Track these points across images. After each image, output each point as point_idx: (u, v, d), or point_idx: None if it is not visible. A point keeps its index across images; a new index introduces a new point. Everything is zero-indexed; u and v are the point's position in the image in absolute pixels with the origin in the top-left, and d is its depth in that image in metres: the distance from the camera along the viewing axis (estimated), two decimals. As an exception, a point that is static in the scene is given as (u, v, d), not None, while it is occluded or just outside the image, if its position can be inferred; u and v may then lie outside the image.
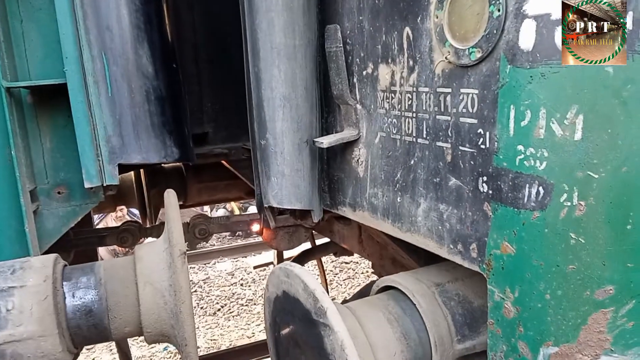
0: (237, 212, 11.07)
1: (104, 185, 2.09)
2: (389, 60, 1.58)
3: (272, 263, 8.60)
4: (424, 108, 1.46)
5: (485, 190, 1.29)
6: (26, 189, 2.06)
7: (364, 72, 1.71)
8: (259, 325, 7.18)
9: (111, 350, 6.55)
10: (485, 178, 1.28)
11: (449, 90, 1.36)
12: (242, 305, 7.94)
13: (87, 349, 6.66)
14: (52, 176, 2.26)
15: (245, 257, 9.87)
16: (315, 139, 1.80)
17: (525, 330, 1.25)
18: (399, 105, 1.57)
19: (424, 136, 1.48)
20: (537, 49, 1.12)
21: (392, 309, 1.70)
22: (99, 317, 1.73)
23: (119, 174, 2.11)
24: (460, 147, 1.35)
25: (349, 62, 1.77)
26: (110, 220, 8.53)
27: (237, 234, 11.41)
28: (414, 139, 1.52)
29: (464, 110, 1.32)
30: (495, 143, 1.23)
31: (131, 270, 1.78)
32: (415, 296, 1.67)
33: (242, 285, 8.67)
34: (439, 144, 1.42)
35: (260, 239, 10.23)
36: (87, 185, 2.07)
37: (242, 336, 6.87)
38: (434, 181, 1.46)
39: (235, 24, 2.18)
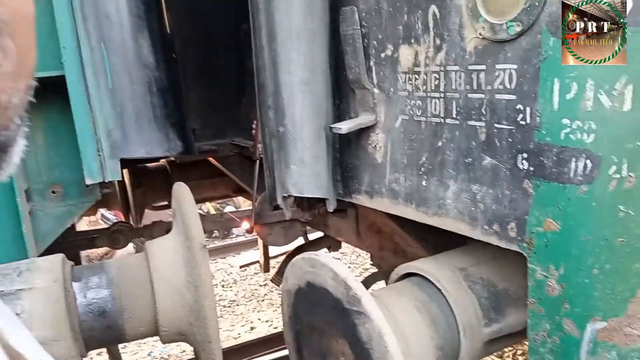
0: (212, 212, 10.89)
1: (106, 181, 1.99)
2: (412, 41, 1.55)
3: (257, 262, 8.50)
4: (454, 87, 1.43)
5: (525, 168, 1.27)
6: (22, 188, 1.96)
7: (382, 55, 1.67)
8: (244, 326, 7.08)
9: (99, 353, 6.34)
10: (525, 155, 1.26)
11: (483, 67, 1.33)
12: (225, 306, 7.80)
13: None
14: (47, 174, 2.15)
15: (224, 257, 9.73)
16: (332, 125, 1.75)
17: (572, 307, 1.23)
18: (424, 86, 1.53)
19: (454, 116, 1.45)
20: (584, 19, 1.10)
21: (418, 295, 1.67)
22: (113, 317, 1.65)
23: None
24: (496, 125, 1.32)
25: (365, 45, 1.73)
26: (84, 225, 8.28)
27: (213, 235, 11.21)
28: (442, 120, 1.49)
29: (501, 87, 1.29)
30: (537, 118, 1.21)
31: (145, 267, 1.70)
32: (440, 282, 1.64)
33: (223, 286, 8.53)
34: (471, 123, 1.40)
35: (238, 239, 10.14)
36: (88, 181, 1.97)
37: (227, 337, 6.75)
38: (466, 162, 1.44)
39: (221, 22, 2.08)
